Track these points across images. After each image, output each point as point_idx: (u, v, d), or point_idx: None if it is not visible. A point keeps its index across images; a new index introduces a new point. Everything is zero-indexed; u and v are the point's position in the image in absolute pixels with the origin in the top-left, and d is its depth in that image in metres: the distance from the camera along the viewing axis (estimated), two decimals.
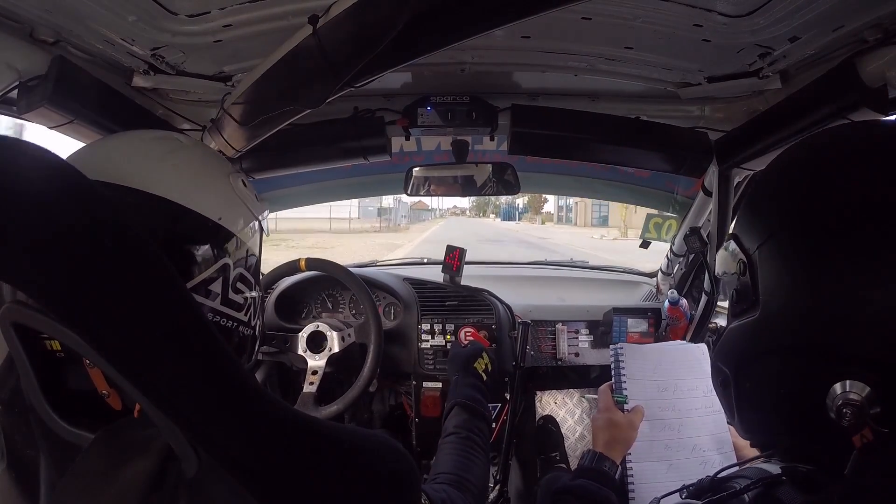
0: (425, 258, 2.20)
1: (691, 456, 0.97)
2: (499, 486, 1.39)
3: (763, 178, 0.54)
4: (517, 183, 1.50)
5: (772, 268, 0.46)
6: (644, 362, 1.04)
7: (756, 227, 0.48)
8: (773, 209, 0.48)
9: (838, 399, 0.40)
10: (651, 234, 1.75)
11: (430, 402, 1.45)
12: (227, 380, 0.44)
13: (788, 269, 0.45)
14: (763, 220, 0.48)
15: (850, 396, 0.40)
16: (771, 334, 0.46)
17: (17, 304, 0.49)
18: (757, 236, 0.47)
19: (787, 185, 0.48)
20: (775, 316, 0.45)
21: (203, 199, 0.57)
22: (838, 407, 0.40)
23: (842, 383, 0.40)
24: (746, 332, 0.49)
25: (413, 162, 1.59)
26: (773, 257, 0.46)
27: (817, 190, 0.45)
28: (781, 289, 0.45)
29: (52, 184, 0.39)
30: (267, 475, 0.44)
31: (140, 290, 0.40)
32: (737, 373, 0.51)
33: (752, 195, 0.52)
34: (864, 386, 0.39)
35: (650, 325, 1.54)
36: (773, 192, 0.49)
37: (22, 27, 0.82)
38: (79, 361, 0.52)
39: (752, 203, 0.51)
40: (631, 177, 1.88)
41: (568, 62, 1.12)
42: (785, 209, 0.46)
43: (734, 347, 0.51)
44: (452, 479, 0.77)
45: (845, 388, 0.40)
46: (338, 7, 0.74)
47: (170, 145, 0.60)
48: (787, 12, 0.79)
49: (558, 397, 1.64)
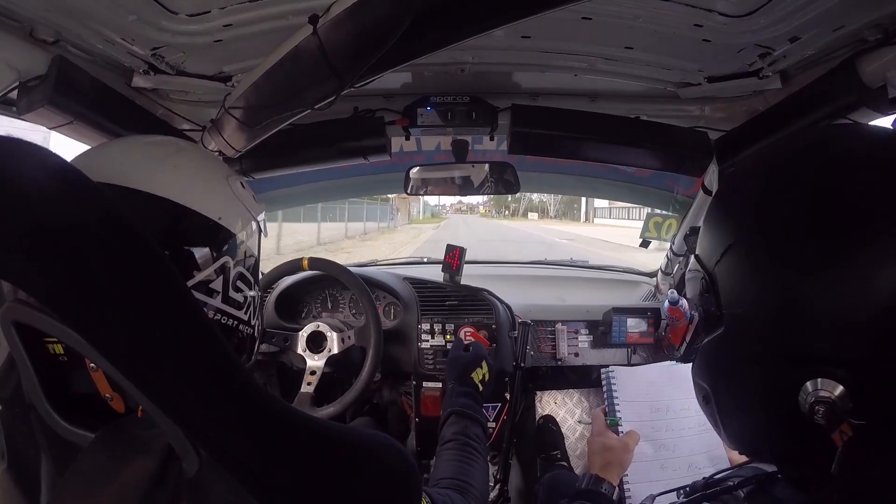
0: (425, 258, 2.20)
1: (687, 474, 0.97)
2: (499, 486, 1.39)
3: (717, 195, 0.54)
4: (517, 182, 1.50)
5: (731, 279, 0.46)
6: (636, 384, 1.04)
7: (714, 242, 0.48)
8: (728, 222, 0.48)
9: (810, 397, 0.41)
10: (651, 233, 1.75)
11: (430, 402, 1.45)
12: (228, 379, 0.44)
13: (747, 277, 0.45)
14: (721, 234, 0.48)
15: (821, 394, 0.40)
16: (739, 344, 0.47)
17: (18, 302, 0.49)
18: (715, 251, 0.48)
19: (741, 196, 0.49)
20: (741, 325, 0.46)
21: (203, 200, 0.58)
22: (811, 405, 0.41)
23: (812, 381, 0.41)
24: (716, 346, 0.49)
25: (413, 162, 1.59)
26: (731, 268, 0.46)
27: (770, 196, 0.45)
28: (743, 297, 0.45)
29: (54, 182, 0.39)
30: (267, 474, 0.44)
31: (140, 289, 0.40)
32: (714, 387, 0.51)
33: (708, 213, 0.52)
34: (835, 384, 0.40)
35: (650, 324, 1.54)
36: (727, 206, 0.50)
37: (22, 27, 0.82)
38: (81, 365, 0.52)
39: (709, 220, 0.51)
40: (631, 176, 1.88)
41: (568, 62, 1.12)
42: (740, 219, 0.47)
43: (708, 362, 0.51)
44: (454, 483, 0.78)
45: (816, 386, 0.40)
46: (338, 7, 0.74)
47: (169, 148, 0.61)
48: (787, 12, 0.79)
49: (558, 397, 1.64)
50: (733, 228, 0.47)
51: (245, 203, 0.64)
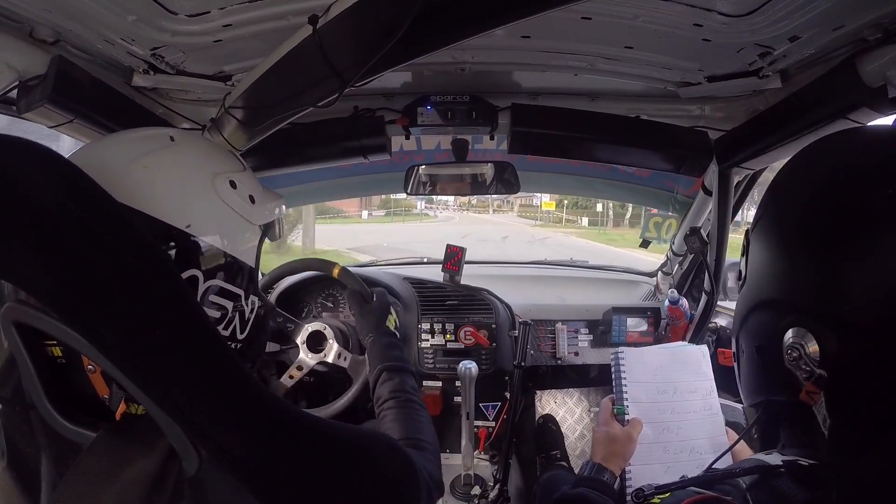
0: (425, 258, 2.20)
1: (689, 458, 0.97)
2: (499, 486, 1.39)
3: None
4: (517, 182, 1.50)
5: (758, 242, 0.53)
6: (644, 365, 1.04)
7: (756, 215, 0.56)
8: (766, 199, 0.55)
9: (788, 340, 0.47)
10: (651, 233, 1.75)
11: (429, 402, 1.45)
12: (228, 378, 0.44)
13: (764, 244, 0.52)
14: (759, 208, 0.55)
15: (795, 342, 0.46)
16: (754, 292, 0.53)
17: (19, 303, 0.49)
18: (753, 222, 0.55)
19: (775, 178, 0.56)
20: (758, 278, 0.53)
21: (168, 205, 0.53)
22: (786, 347, 0.47)
23: (794, 329, 0.46)
24: (741, 299, 0.56)
25: (413, 161, 1.59)
26: (759, 234, 0.53)
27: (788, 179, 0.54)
28: (762, 256, 0.52)
29: (55, 183, 0.39)
30: (267, 474, 0.44)
31: (140, 289, 0.40)
32: (737, 338, 0.57)
33: None
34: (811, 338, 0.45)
35: (650, 324, 1.54)
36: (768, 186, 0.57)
37: (22, 27, 0.82)
38: (80, 368, 0.52)
39: (761, 199, 0.57)
40: (631, 176, 1.88)
41: (568, 62, 1.12)
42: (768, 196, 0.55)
43: (735, 317, 0.58)
44: (409, 443, 0.76)
45: (796, 335, 0.46)
46: (338, 7, 0.74)
47: (150, 145, 0.56)
48: (787, 12, 0.79)
49: (558, 396, 1.64)
50: (763, 203, 0.54)
51: (233, 206, 0.59)
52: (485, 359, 1.48)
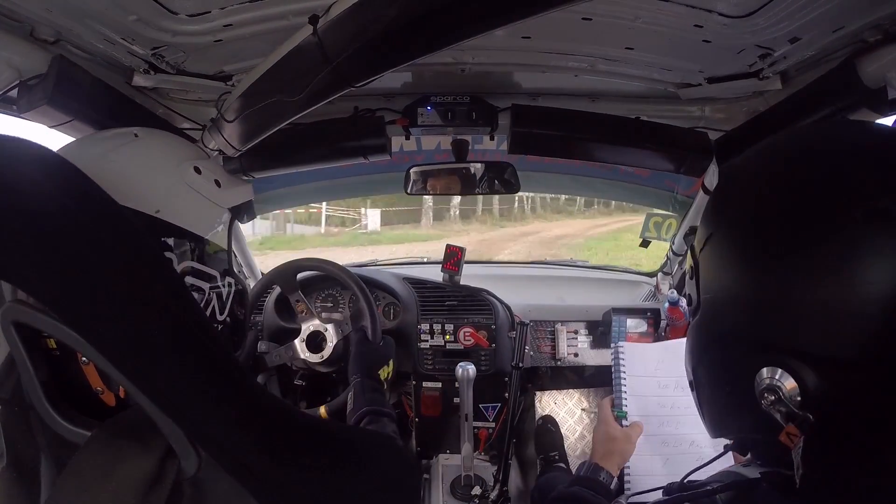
0: (425, 258, 2.20)
1: (688, 451, 0.98)
2: (499, 486, 1.39)
3: (714, 190, 0.56)
4: (517, 182, 1.50)
5: (708, 266, 0.48)
6: (645, 360, 1.04)
7: (701, 232, 0.51)
8: (711, 214, 0.51)
9: (762, 383, 0.42)
10: (651, 232, 1.75)
11: (429, 402, 1.45)
12: (227, 378, 0.44)
13: (719, 265, 0.47)
14: (705, 225, 0.50)
15: (771, 382, 0.41)
16: (712, 327, 0.48)
17: (18, 302, 0.49)
18: (700, 241, 0.50)
19: (724, 190, 0.52)
20: (712, 310, 0.48)
21: (137, 194, 0.55)
22: (761, 391, 0.42)
23: (768, 369, 0.41)
24: (695, 330, 0.51)
25: (413, 161, 1.59)
26: (709, 256, 0.48)
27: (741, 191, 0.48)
28: (714, 283, 0.47)
29: (52, 182, 0.39)
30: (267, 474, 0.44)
31: (137, 288, 0.40)
32: (694, 370, 0.53)
33: (705, 207, 0.54)
34: (787, 376, 0.40)
35: (649, 325, 1.54)
36: (713, 199, 0.52)
37: (22, 26, 0.82)
38: (74, 359, 0.52)
39: (704, 213, 0.53)
40: (631, 176, 1.88)
41: (568, 62, 1.12)
42: (719, 212, 0.49)
43: (690, 347, 0.53)
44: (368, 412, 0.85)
45: (770, 374, 0.41)
46: (338, 7, 0.74)
47: (117, 141, 0.59)
48: (787, 13, 0.79)
49: (558, 397, 1.64)
50: (714, 220, 0.49)
51: (200, 190, 0.61)
52: (484, 360, 1.48)
